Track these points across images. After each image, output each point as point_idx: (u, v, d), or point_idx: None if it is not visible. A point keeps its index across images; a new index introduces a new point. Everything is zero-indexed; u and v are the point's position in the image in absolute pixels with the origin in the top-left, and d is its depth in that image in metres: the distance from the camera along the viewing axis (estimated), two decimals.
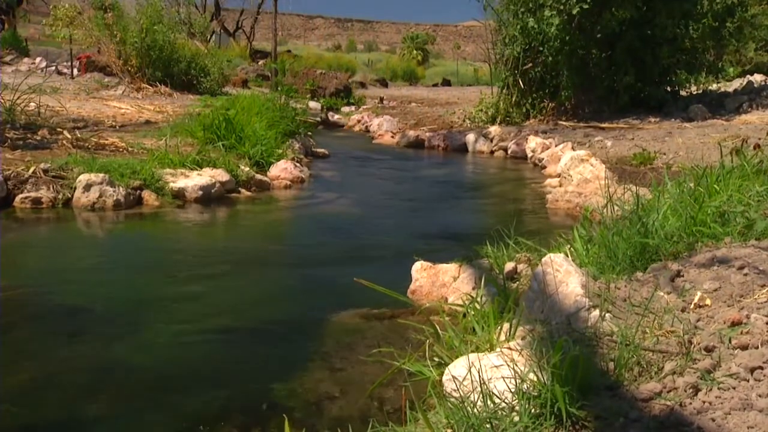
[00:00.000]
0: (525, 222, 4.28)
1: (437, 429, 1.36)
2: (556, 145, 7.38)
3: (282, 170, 5.63)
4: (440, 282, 2.65)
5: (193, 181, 4.63)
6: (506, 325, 1.83)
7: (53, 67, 14.81)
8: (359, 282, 2.33)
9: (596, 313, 1.64)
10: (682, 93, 10.33)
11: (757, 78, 12.12)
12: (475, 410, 1.35)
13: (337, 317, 2.50)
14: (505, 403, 1.37)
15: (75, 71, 13.42)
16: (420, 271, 2.72)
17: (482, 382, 1.42)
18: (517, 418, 1.31)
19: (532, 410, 1.32)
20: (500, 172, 7.37)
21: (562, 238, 2.64)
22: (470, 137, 8.91)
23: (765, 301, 1.59)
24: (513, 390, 1.39)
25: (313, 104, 12.61)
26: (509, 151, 8.30)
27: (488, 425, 1.30)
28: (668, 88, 10.11)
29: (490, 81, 11.50)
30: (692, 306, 1.67)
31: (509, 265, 2.62)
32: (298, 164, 5.94)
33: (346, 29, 45.93)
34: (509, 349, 1.59)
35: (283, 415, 1.57)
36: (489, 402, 1.37)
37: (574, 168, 5.06)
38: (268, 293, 2.91)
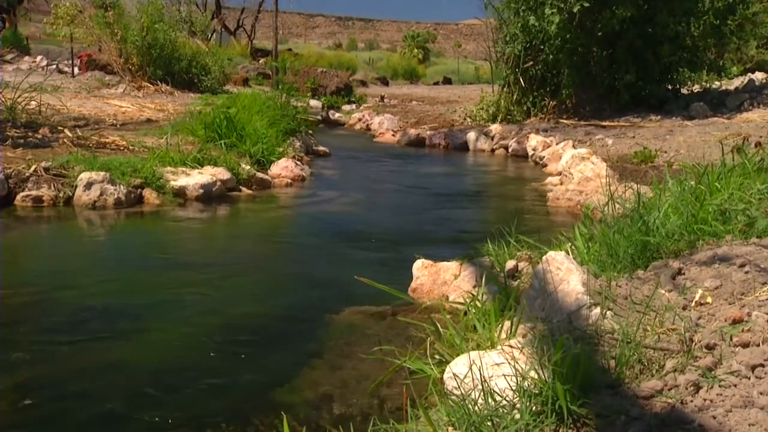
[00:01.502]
0: (526, 220, 4.27)
1: (438, 427, 1.36)
2: (557, 144, 7.38)
3: (283, 168, 5.63)
4: (441, 280, 2.65)
5: (194, 179, 4.63)
6: (507, 323, 1.84)
7: (54, 66, 14.81)
8: (360, 280, 2.33)
9: (597, 311, 1.64)
10: (683, 91, 10.32)
11: (759, 76, 12.08)
12: (477, 408, 1.35)
13: (338, 315, 2.50)
14: (507, 400, 1.37)
15: (76, 70, 13.42)
16: (421, 269, 2.72)
17: (483, 379, 1.42)
18: (518, 416, 1.31)
19: (533, 408, 1.32)
20: (501, 171, 7.37)
21: (563, 236, 2.64)
22: (471, 135, 8.91)
23: (766, 299, 1.59)
24: (514, 388, 1.39)
25: (313, 103, 12.63)
26: (510, 150, 8.30)
27: (489, 423, 1.31)
28: (669, 87, 10.11)
29: (491, 79, 11.49)
30: (693, 304, 1.67)
31: (510, 264, 2.62)
32: (298, 162, 5.94)
33: (347, 27, 45.91)
34: (510, 347, 1.59)
35: (282, 414, 1.57)
36: (490, 400, 1.38)
37: (575, 166, 5.06)
38: (269, 291, 2.91)
